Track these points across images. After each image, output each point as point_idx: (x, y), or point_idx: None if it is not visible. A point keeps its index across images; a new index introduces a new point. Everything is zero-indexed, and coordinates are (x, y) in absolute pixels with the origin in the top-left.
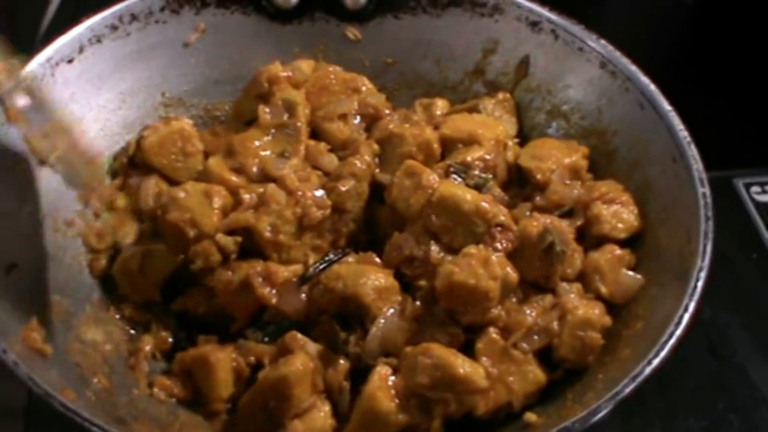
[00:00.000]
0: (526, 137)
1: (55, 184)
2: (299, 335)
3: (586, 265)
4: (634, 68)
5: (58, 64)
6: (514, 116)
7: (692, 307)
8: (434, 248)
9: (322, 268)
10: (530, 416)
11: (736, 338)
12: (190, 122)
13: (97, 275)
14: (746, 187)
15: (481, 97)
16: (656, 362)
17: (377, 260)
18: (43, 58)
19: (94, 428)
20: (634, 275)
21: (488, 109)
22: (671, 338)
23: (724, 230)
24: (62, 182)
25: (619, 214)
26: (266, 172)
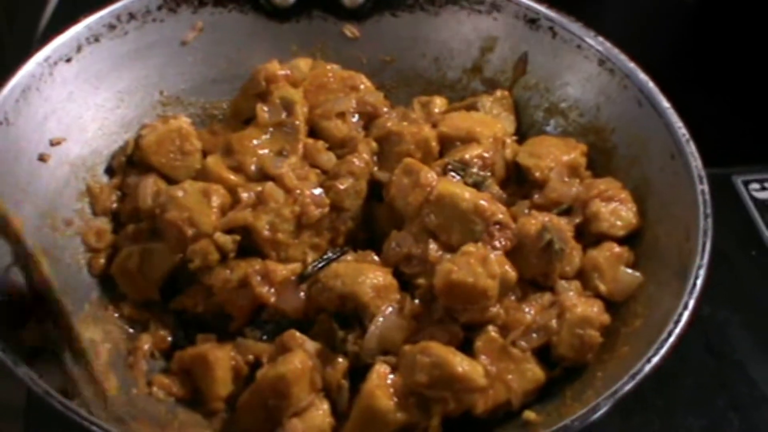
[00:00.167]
0: (524, 135)
1: (53, 183)
2: (298, 334)
3: (584, 262)
4: (632, 65)
5: (56, 63)
6: (512, 114)
7: (691, 304)
8: (432, 246)
9: (320, 266)
10: (529, 414)
11: (735, 336)
12: (188, 121)
13: (95, 274)
14: (745, 184)
15: (479, 94)
16: (655, 360)
17: (376, 258)
18: (41, 57)
19: (93, 427)
20: (632, 273)
21: (486, 106)
22: (670, 336)
23: (722, 227)
24: (61, 181)
25: (617, 211)
26: (264, 170)
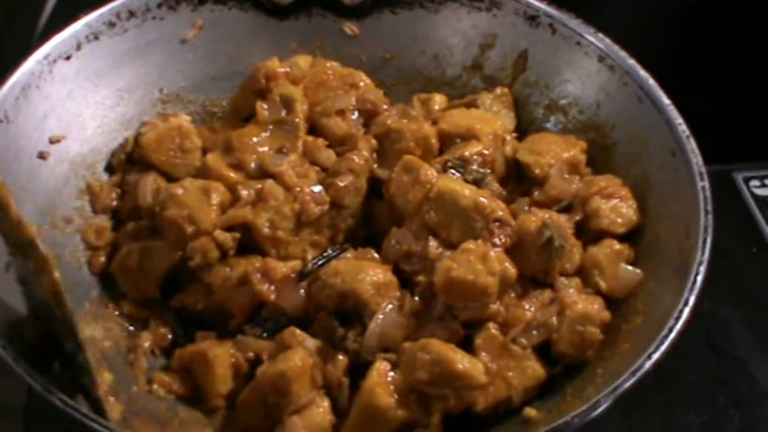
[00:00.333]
0: (524, 132)
1: (53, 181)
2: (298, 331)
3: (585, 259)
4: (632, 62)
5: (55, 61)
6: (512, 111)
7: (692, 301)
8: (432, 244)
9: (320, 263)
10: (530, 411)
11: (735, 333)
12: (188, 118)
13: (95, 272)
14: (746, 181)
15: (479, 92)
16: (656, 356)
17: (376, 256)
18: (40, 55)
19: (93, 425)
20: (633, 270)
21: (486, 104)
22: (671, 332)
23: (723, 224)
24: (61, 179)
25: (618, 208)
26: (264, 168)
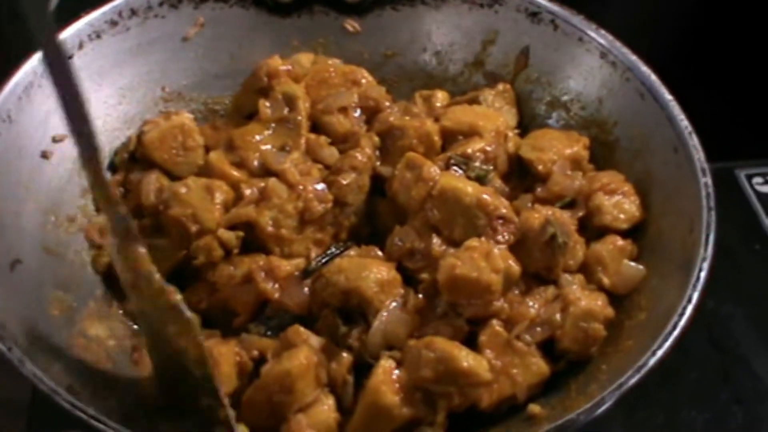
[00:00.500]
0: (526, 128)
1: (56, 180)
2: (302, 329)
3: (588, 256)
4: (634, 58)
5: None
6: (514, 107)
7: (695, 297)
8: (436, 241)
9: (324, 261)
10: (534, 408)
11: (738, 330)
12: (190, 117)
13: (99, 271)
14: (748, 178)
15: (481, 88)
16: (660, 353)
17: (379, 254)
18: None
19: (98, 424)
20: (636, 266)
21: (488, 100)
22: (675, 329)
23: (726, 222)
24: (64, 178)
25: (620, 204)
26: (267, 166)
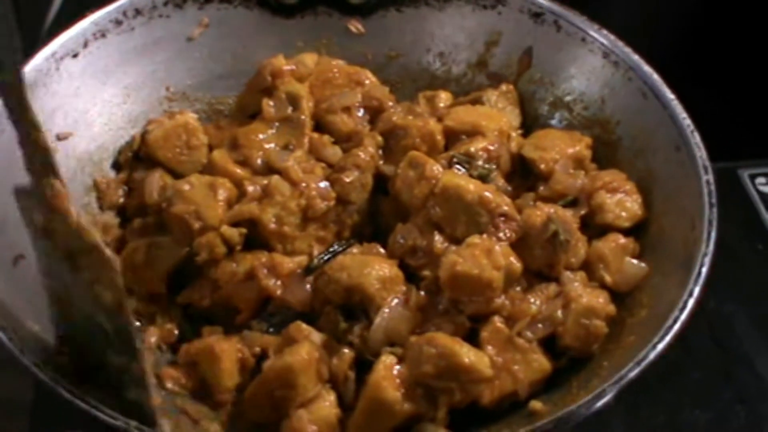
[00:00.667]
0: (529, 128)
1: None
2: (304, 325)
3: (590, 253)
4: (636, 58)
5: (62, 58)
6: (517, 107)
7: (696, 292)
8: (438, 238)
9: (326, 259)
10: (535, 404)
11: (741, 329)
12: (194, 116)
13: None
14: (751, 178)
15: (484, 88)
16: (661, 346)
17: (381, 251)
18: (48, 52)
19: (101, 416)
20: (638, 264)
21: (491, 100)
22: (676, 323)
23: (728, 221)
24: (68, 176)
25: (622, 202)
26: (270, 164)
